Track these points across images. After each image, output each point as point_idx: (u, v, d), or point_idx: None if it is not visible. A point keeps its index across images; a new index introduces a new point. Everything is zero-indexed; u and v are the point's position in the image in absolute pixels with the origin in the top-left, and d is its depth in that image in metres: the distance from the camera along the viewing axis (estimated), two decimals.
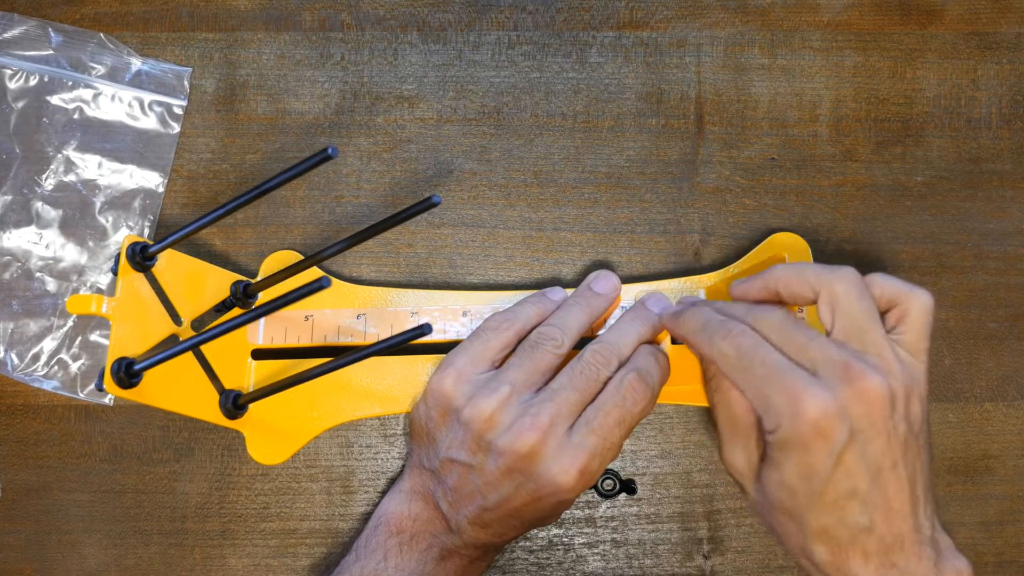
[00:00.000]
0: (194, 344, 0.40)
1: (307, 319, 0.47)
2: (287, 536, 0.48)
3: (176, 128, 0.51)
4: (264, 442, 0.46)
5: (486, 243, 0.51)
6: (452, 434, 0.42)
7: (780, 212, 0.51)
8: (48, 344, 0.49)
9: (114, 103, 0.51)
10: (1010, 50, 0.52)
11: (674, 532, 0.49)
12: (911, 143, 0.52)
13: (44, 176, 0.50)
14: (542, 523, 0.44)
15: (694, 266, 0.50)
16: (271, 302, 0.40)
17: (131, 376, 0.41)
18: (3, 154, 0.50)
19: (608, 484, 0.48)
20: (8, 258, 0.50)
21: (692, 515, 0.49)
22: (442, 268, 0.50)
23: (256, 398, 0.44)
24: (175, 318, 0.45)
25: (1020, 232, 0.51)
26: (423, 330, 0.37)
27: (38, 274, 0.50)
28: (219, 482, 0.49)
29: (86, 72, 0.51)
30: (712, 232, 0.51)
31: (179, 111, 0.51)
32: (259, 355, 0.47)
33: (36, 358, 0.49)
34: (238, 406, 0.45)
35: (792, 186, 0.51)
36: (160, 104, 0.51)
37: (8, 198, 0.50)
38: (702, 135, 0.51)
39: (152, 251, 0.43)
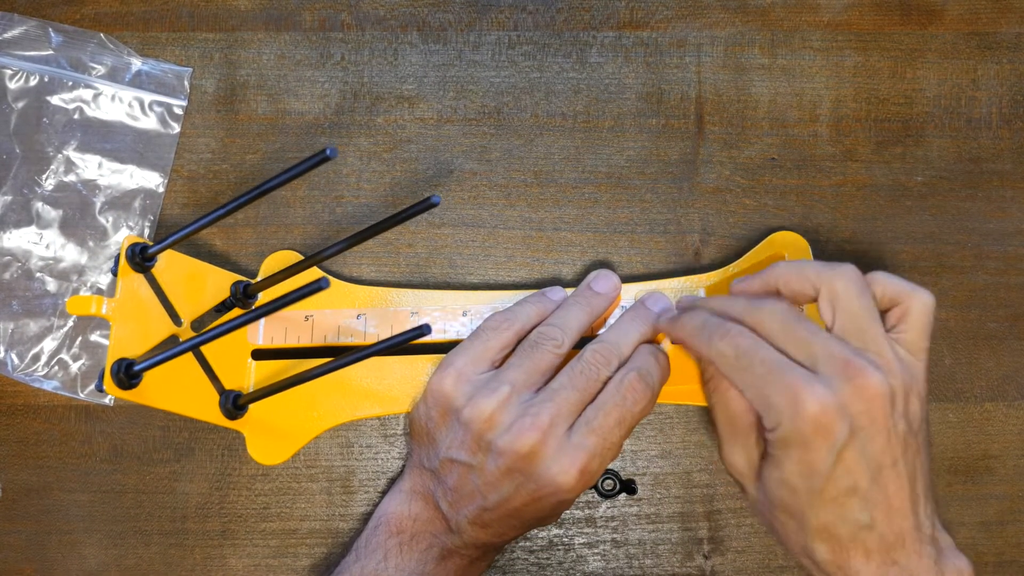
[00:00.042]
0: (194, 345, 0.40)
1: (307, 319, 0.47)
2: (287, 536, 0.48)
3: (176, 128, 0.51)
4: (264, 442, 0.46)
5: (486, 243, 0.51)
6: (452, 434, 0.42)
7: (780, 212, 0.51)
8: (48, 344, 0.49)
9: (114, 103, 0.51)
10: (1010, 50, 0.52)
11: (674, 532, 0.49)
12: (911, 143, 0.52)
13: (44, 176, 0.50)
14: (542, 523, 0.44)
15: (694, 266, 0.50)
16: (271, 302, 0.40)
17: (131, 377, 0.41)
18: (3, 154, 0.50)
19: (608, 484, 0.48)
20: (8, 258, 0.50)
21: (692, 515, 0.49)
22: (442, 268, 0.50)
23: (256, 398, 0.44)
24: (175, 319, 0.45)
25: (1020, 232, 0.51)
26: (423, 330, 0.37)
27: (38, 274, 0.50)
28: (219, 482, 0.49)
29: (86, 72, 0.51)
30: (712, 232, 0.51)
31: (179, 111, 0.51)
32: (259, 355, 0.47)
33: (36, 358, 0.49)
34: (238, 406, 0.45)
35: (792, 186, 0.51)
36: (160, 104, 0.51)
37: (8, 198, 0.50)
38: (702, 135, 0.51)
39: (152, 251, 0.43)
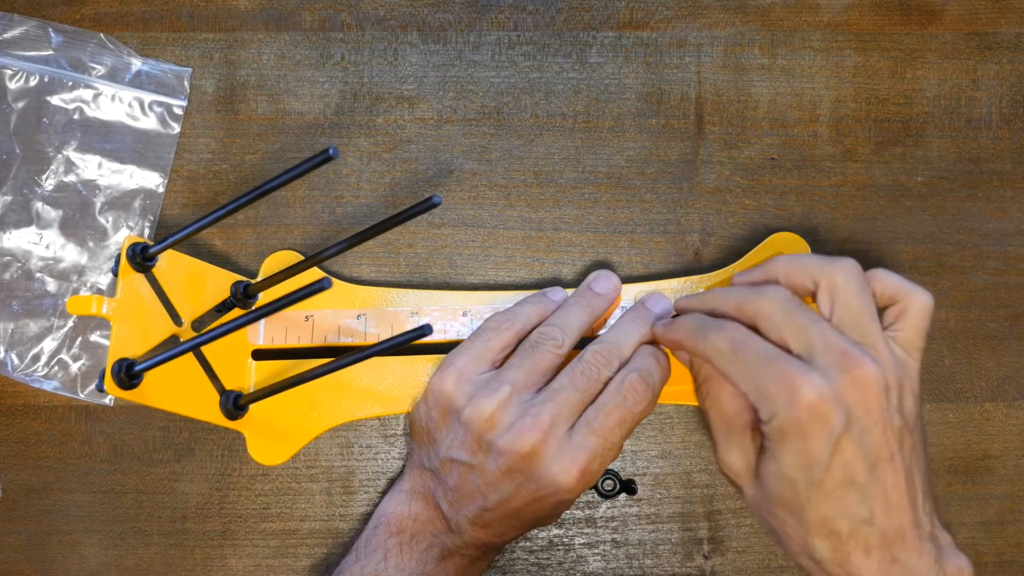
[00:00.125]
0: (194, 345, 0.40)
1: (307, 319, 0.47)
2: (287, 536, 0.48)
3: (176, 128, 0.51)
4: (264, 442, 0.46)
5: (486, 243, 0.51)
6: (452, 434, 0.42)
7: (780, 212, 0.51)
8: (48, 344, 0.49)
9: (114, 103, 0.51)
10: (1010, 50, 0.52)
11: (674, 532, 0.49)
12: (911, 143, 0.52)
13: (44, 176, 0.50)
14: (542, 523, 0.44)
15: (694, 266, 0.50)
16: (272, 303, 0.40)
17: (132, 377, 0.41)
18: (3, 154, 0.50)
19: (608, 484, 0.48)
20: (8, 258, 0.50)
21: (692, 515, 0.49)
22: (442, 268, 0.50)
23: (256, 399, 0.44)
24: (175, 319, 0.45)
25: (1020, 232, 0.51)
26: (424, 331, 0.37)
27: (38, 274, 0.50)
28: (219, 482, 0.49)
29: (86, 72, 0.51)
30: (712, 232, 0.51)
31: (179, 111, 0.51)
32: (259, 355, 0.47)
33: (36, 358, 0.49)
34: (238, 407, 0.45)
35: (792, 186, 0.51)
36: (160, 104, 0.51)
37: (8, 198, 0.50)
38: (702, 135, 0.51)
39: (152, 251, 0.43)
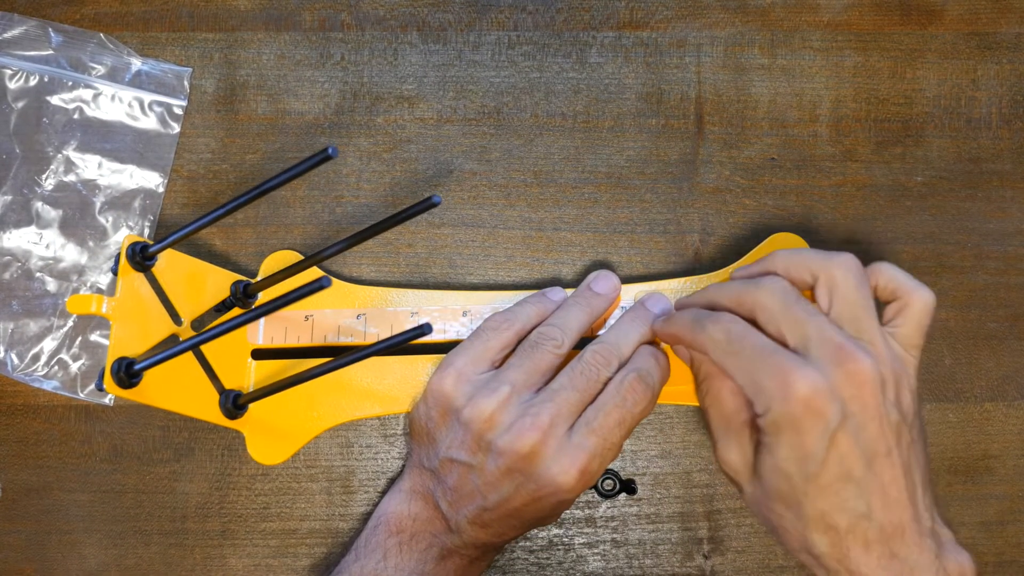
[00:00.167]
0: (194, 344, 0.40)
1: (307, 319, 0.47)
2: (287, 536, 0.48)
3: (176, 128, 0.51)
4: (264, 442, 0.46)
5: (486, 243, 0.51)
6: (452, 434, 0.42)
7: (780, 212, 0.51)
8: (48, 344, 0.49)
9: (114, 103, 0.51)
10: (1010, 50, 0.52)
11: (674, 532, 0.49)
12: (911, 143, 0.52)
13: (44, 176, 0.50)
14: (542, 523, 0.44)
15: (694, 266, 0.50)
16: (271, 302, 0.40)
17: (131, 376, 0.41)
18: (3, 154, 0.50)
19: (608, 484, 0.48)
20: (8, 258, 0.50)
21: (692, 515, 0.49)
22: (442, 268, 0.50)
23: (256, 398, 0.44)
24: (175, 318, 0.45)
25: (1020, 232, 0.51)
26: (423, 330, 0.37)
27: (38, 274, 0.50)
28: (219, 482, 0.49)
29: (86, 72, 0.51)
30: (712, 232, 0.51)
31: (179, 111, 0.51)
32: (259, 355, 0.47)
33: (36, 358, 0.49)
34: (238, 406, 0.45)
35: (792, 186, 0.51)
36: (160, 104, 0.51)
37: (8, 198, 0.50)
38: (702, 135, 0.51)
39: (152, 251, 0.43)
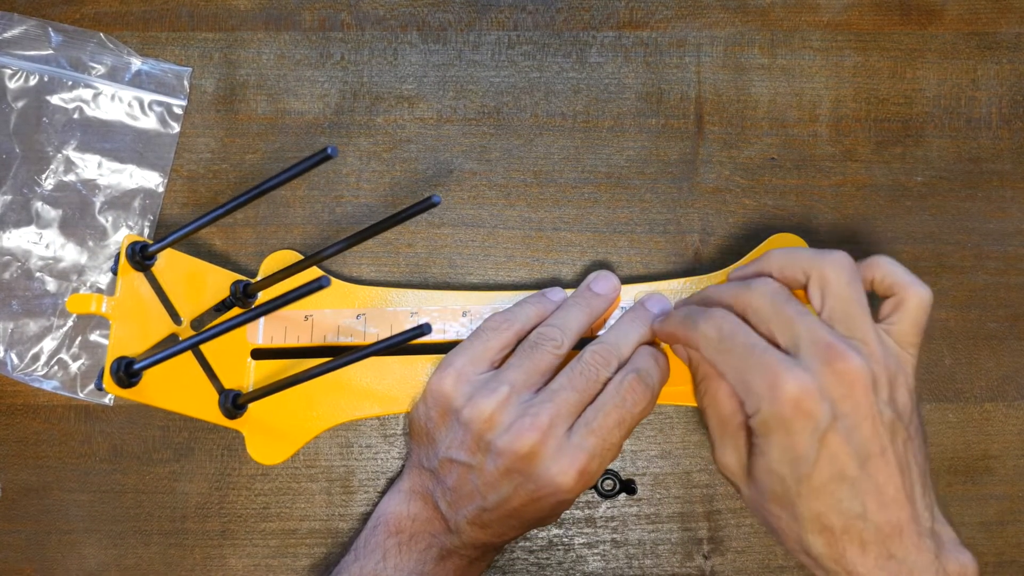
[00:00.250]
0: (193, 343, 0.40)
1: (307, 319, 0.47)
2: (287, 536, 0.48)
3: (176, 128, 0.51)
4: (264, 442, 0.46)
5: (486, 243, 0.51)
6: (451, 434, 0.42)
7: (780, 212, 0.51)
8: (48, 344, 0.49)
9: (114, 103, 0.51)
10: (1010, 50, 0.52)
11: (674, 532, 0.49)
12: (911, 143, 0.51)
13: (44, 176, 0.50)
14: (541, 523, 0.44)
15: (694, 266, 0.50)
16: (271, 302, 0.40)
17: (130, 376, 0.41)
18: (3, 154, 0.50)
19: (608, 484, 0.48)
20: (8, 258, 0.50)
21: (692, 515, 0.49)
22: (442, 268, 0.50)
23: (255, 398, 0.44)
24: (175, 317, 0.45)
25: (1020, 232, 0.51)
26: (422, 330, 0.37)
27: (38, 274, 0.50)
28: (219, 482, 0.49)
29: (86, 72, 0.51)
30: (712, 232, 0.51)
31: (179, 111, 0.51)
32: (259, 355, 0.47)
33: (36, 358, 0.49)
34: (237, 406, 0.45)
35: (792, 186, 0.51)
36: (160, 104, 0.51)
37: (8, 198, 0.50)
38: (702, 135, 0.51)
39: (152, 250, 0.43)
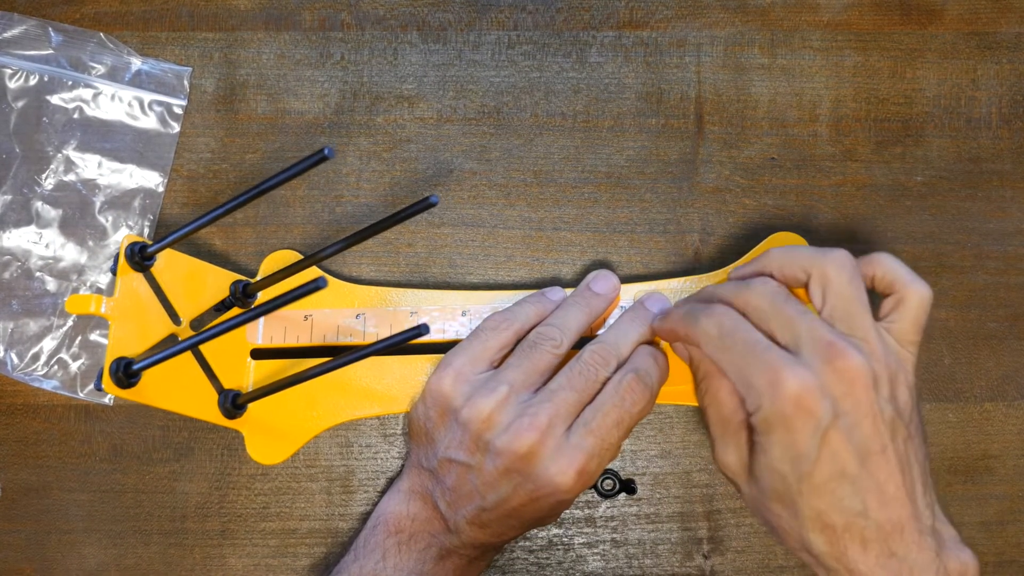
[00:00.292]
0: (193, 344, 0.40)
1: (306, 319, 0.47)
2: (287, 536, 0.49)
3: (176, 128, 0.51)
4: (263, 442, 0.46)
5: (486, 243, 0.51)
6: (450, 434, 0.42)
7: (780, 212, 0.51)
8: (48, 344, 0.49)
9: (114, 103, 0.51)
10: (1010, 50, 0.52)
11: (674, 532, 0.49)
12: (911, 143, 0.51)
13: (44, 176, 0.51)
14: (541, 523, 0.44)
15: (694, 266, 0.50)
16: (270, 302, 0.40)
17: (130, 376, 0.41)
18: (3, 154, 0.50)
19: (608, 484, 0.48)
20: (8, 258, 0.50)
21: (692, 515, 0.49)
22: (442, 268, 0.50)
23: (255, 398, 0.44)
24: (174, 318, 0.45)
25: (1020, 232, 0.51)
26: (421, 330, 0.37)
27: (38, 274, 0.50)
28: (219, 482, 0.49)
29: (86, 72, 0.51)
30: (712, 232, 0.50)
31: (179, 111, 0.51)
32: (258, 355, 0.47)
33: (36, 358, 0.49)
34: (237, 406, 0.45)
35: (792, 186, 0.51)
36: (160, 104, 0.51)
37: (8, 198, 0.50)
38: (702, 135, 0.51)
39: (151, 251, 0.43)
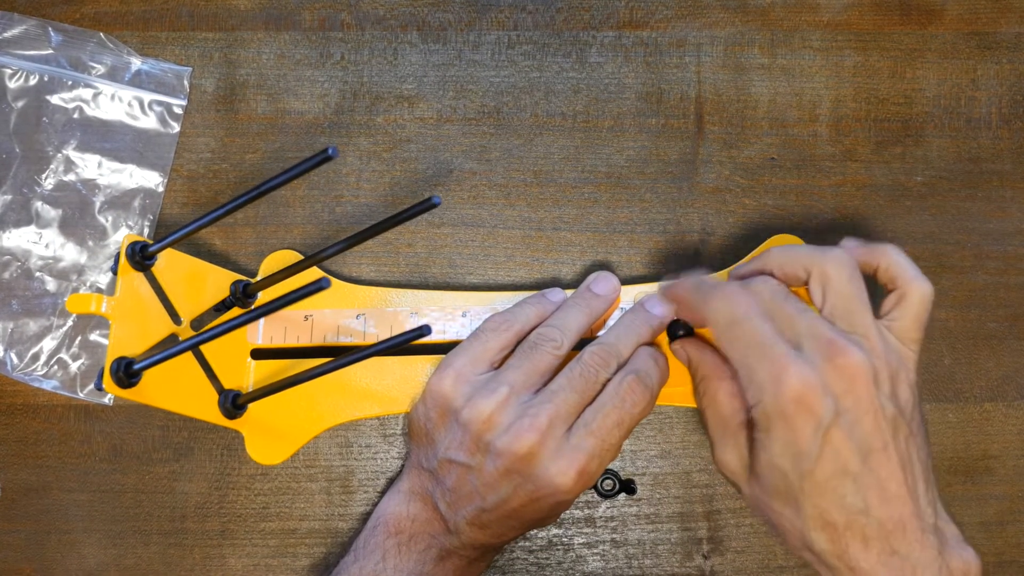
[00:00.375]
0: (193, 344, 0.40)
1: (306, 319, 0.47)
2: (287, 536, 0.49)
3: (176, 128, 0.51)
4: (263, 442, 0.46)
5: (486, 243, 0.51)
6: (451, 435, 0.42)
7: (780, 212, 0.51)
8: (48, 344, 0.49)
9: (114, 103, 0.51)
10: (1010, 50, 0.52)
11: (674, 532, 0.49)
12: (911, 143, 0.51)
13: (44, 176, 0.50)
14: (541, 524, 0.44)
15: (694, 266, 0.50)
16: (271, 302, 0.40)
17: (130, 376, 0.41)
18: (3, 154, 0.50)
19: (608, 484, 0.48)
20: (8, 258, 0.50)
21: (692, 515, 0.49)
22: (442, 268, 0.50)
23: (255, 398, 0.44)
24: (175, 317, 0.45)
25: (1020, 232, 0.51)
26: (423, 331, 0.37)
27: (38, 274, 0.50)
28: (219, 482, 0.49)
29: (86, 72, 0.51)
30: (712, 232, 0.50)
31: (179, 111, 0.51)
32: (258, 355, 0.47)
33: (36, 358, 0.49)
34: (237, 406, 0.45)
35: (792, 186, 0.51)
36: (160, 104, 0.51)
37: (8, 198, 0.50)
38: (702, 135, 0.51)
39: (152, 250, 0.43)
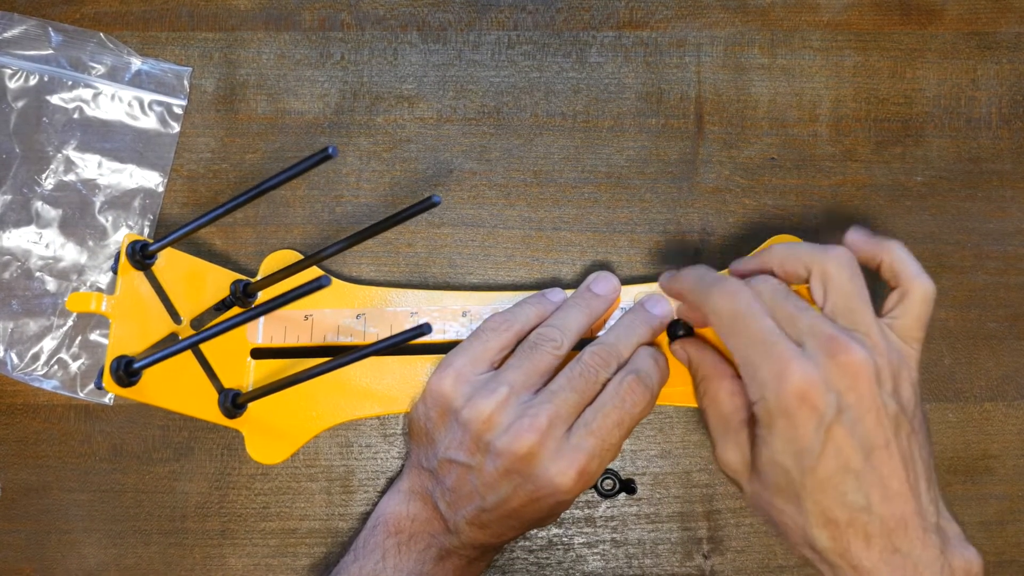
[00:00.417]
0: (193, 343, 0.40)
1: (306, 318, 0.47)
2: (287, 536, 0.49)
3: (176, 128, 0.51)
4: (263, 441, 0.46)
5: (486, 243, 0.51)
6: (451, 434, 0.42)
7: (780, 212, 0.51)
8: (48, 343, 0.49)
9: (114, 103, 0.51)
10: (1010, 50, 0.52)
11: (674, 532, 0.49)
12: (911, 143, 0.51)
13: (44, 176, 0.51)
14: (541, 524, 0.44)
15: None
16: (271, 301, 0.40)
17: (130, 375, 0.41)
18: (3, 154, 0.50)
19: (608, 484, 0.48)
20: (8, 258, 0.50)
21: (692, 515, 0.49)
22: (442, 268, 0.50)
23: (255, 397, 0.44)
24: (175, 317, 0.45)
25: (1020, 232, 0.51)
26: (423, 330, 0.37)
27: (38, 273, 0.50)
28: (219, 482, 0.49)
29: (86, 72, 0.51)
30: (712, 232, 0.51)
31: (179, 111, 0.51)
32: (258, 354, 0.47)
33: (36, 357, 0.49)
34: (237, 405, 0.45)
35: (792, 186, 0.51)
36: (160, 104, 0.51)
37: (8, 198, 0.50)
38: (702, 135, 0.51)
39: (152, 250, 0.43)
